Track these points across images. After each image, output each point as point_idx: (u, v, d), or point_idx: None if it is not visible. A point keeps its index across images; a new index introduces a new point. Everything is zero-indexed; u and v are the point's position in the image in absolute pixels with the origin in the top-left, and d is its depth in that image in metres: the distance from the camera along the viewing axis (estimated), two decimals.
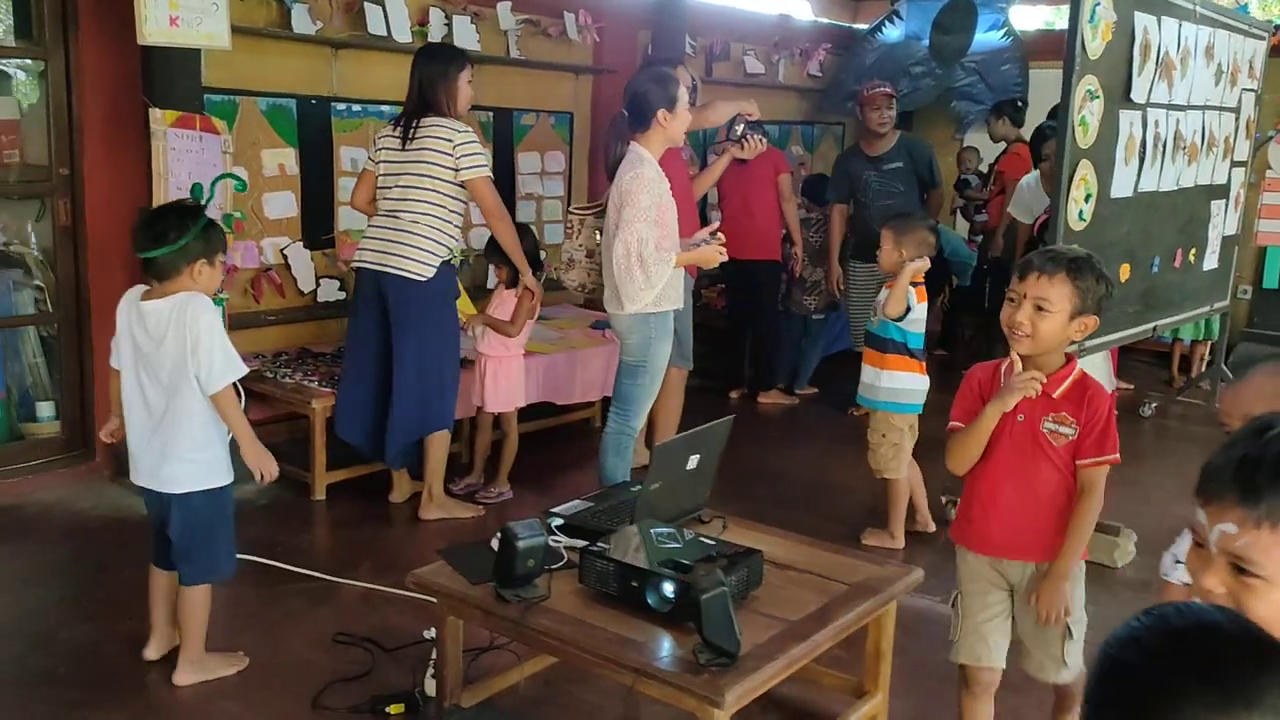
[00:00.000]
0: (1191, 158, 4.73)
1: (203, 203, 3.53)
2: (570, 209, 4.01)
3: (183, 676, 2.88)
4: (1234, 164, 5.27)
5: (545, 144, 6.06)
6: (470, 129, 4.01)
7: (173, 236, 2.71)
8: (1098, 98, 3.85)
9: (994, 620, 2.41)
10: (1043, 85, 7.56)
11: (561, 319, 5.72)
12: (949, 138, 8.24)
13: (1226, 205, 5.30)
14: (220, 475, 2.83)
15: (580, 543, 2.62)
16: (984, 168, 7.40)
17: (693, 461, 2.72)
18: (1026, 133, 6.82)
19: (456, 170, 3.90)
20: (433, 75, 3.95)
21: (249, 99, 4.69)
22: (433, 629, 2.76)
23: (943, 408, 3.58)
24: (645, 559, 2.35)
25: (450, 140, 3.89)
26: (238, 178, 4.18)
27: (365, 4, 4.93)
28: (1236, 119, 5.17)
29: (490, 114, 5.69)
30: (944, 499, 4.28)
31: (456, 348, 4.14)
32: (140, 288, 2.81)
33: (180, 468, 2.76)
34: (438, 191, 3.92)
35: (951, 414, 2.44)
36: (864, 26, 8.62)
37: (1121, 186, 4.16)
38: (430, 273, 3.91)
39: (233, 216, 4.26)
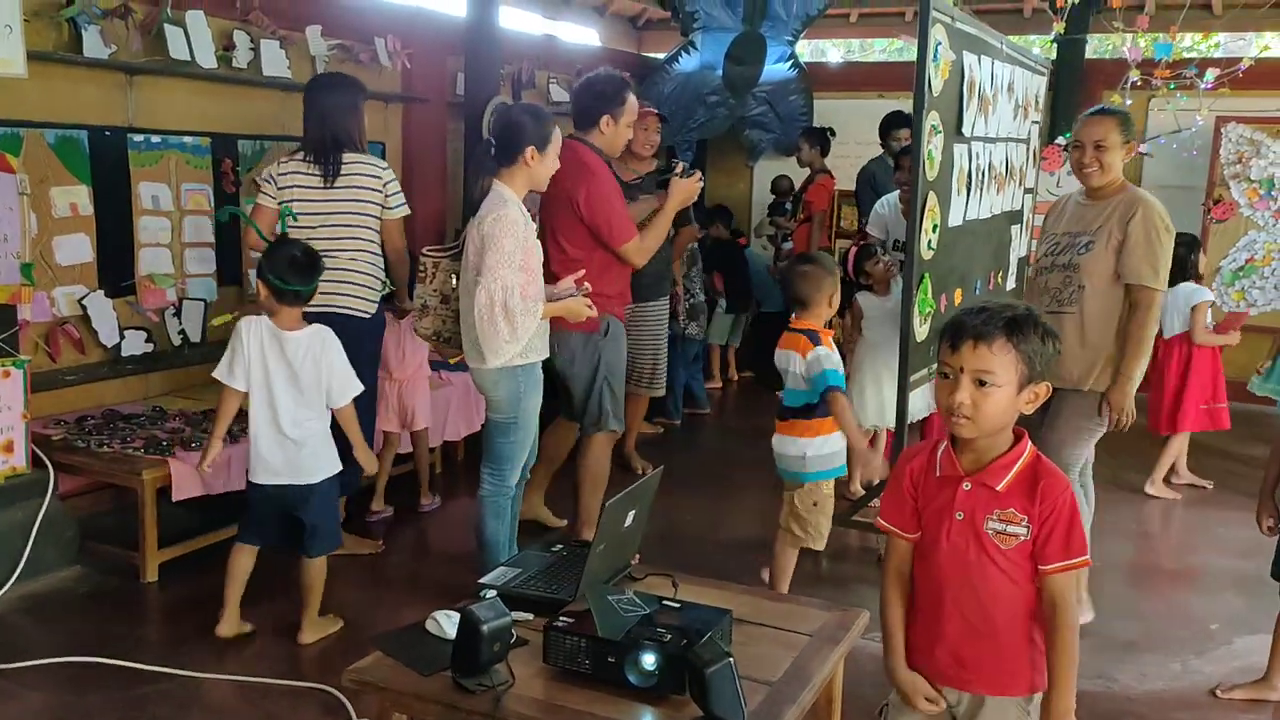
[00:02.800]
0: (1000, 187, 5.07)
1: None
2: (424, 251, 3.72)
3: (307, 635, 3.40)
4: (1026, 191, 5.71)
5: None
6: (389, 165, 4.15)
7: (316, 272, 3.32)
8: (940, 132, 4.04)
9: None
10: (822, 115, 7.96)
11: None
12: (742, 165, 8.50)
13: (1021, 229, 5.72)
14: (338, 464, 3.39)
15: (523, 615, 2.45)
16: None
17: (629, 518, 2.60)
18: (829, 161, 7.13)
19: (384, 208, 3.99)
20: (341, 108, 3.94)
21: (34, 131, 4.12)
22: None
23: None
24: (614, 630, 2.21)
25: (380, 179, 3.99)
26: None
27: (165, 26, 4.47)
28: (1027, 149, 5.60)
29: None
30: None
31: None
32: (263, 317, 3.28)
33: (318, 462, 3.31)
34: (369, 229, 3.99)
35: (881, 509, 2.14)
36: (652, 55, 8.76)
37: (955, 216, 4.38)
38: (373, 309, 4.00)
39: (31, 265, 3.74)
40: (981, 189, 4.74)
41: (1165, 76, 6.34)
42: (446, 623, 2.34)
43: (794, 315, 3.63)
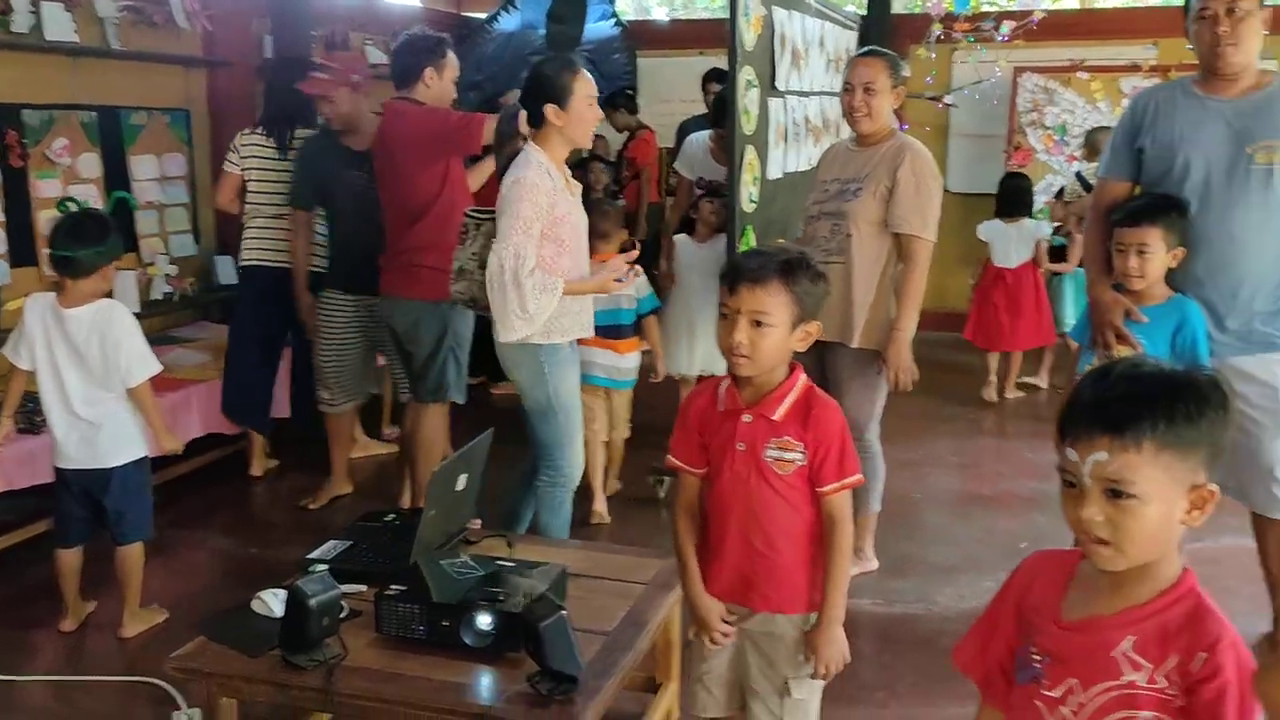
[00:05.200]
0: (816, 139, 5.23)
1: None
2: (467, 211, 3.45)
3: (129, 628, 3.25)
4: None
5: (161, 145, 5.40)
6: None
7: (98, 238, 3.09)
8: (755, 86, 4.12)
9: (720, 669, 2.18)
10: (645, 73, 8.02)
11: (206, 339, 5.18)
12: None
13: None
14: (144, 447, 3.23)
15: (356, 587, 2.41)
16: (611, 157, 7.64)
17: (461, 482, 2.58)
18: (643, 116, 7.18)
19: None
20: (293, 87, 4.28)
21: None
22: (185, 716, 2.40)
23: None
24: (449, 594, 2.20)
25: None
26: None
27: None
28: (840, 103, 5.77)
29: (94, 113, 4.98)
30: (651, 479, 4.41)
31: None
32: (49, 294, 3.13)
33: (116, 445, 3.14)
34: None
35: (670, 447, 2.17)
36: (473, 14, 8.58)
37: (774, 169, 4.49)
38: (323, 263, 4.41)
39: None
40: (799, 142, 4.87)
41: (965, 29, 6.64)
42: (274, 601, 2.28)
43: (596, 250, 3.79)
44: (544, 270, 3.05)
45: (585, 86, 3.15)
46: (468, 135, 3.77)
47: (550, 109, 3.11)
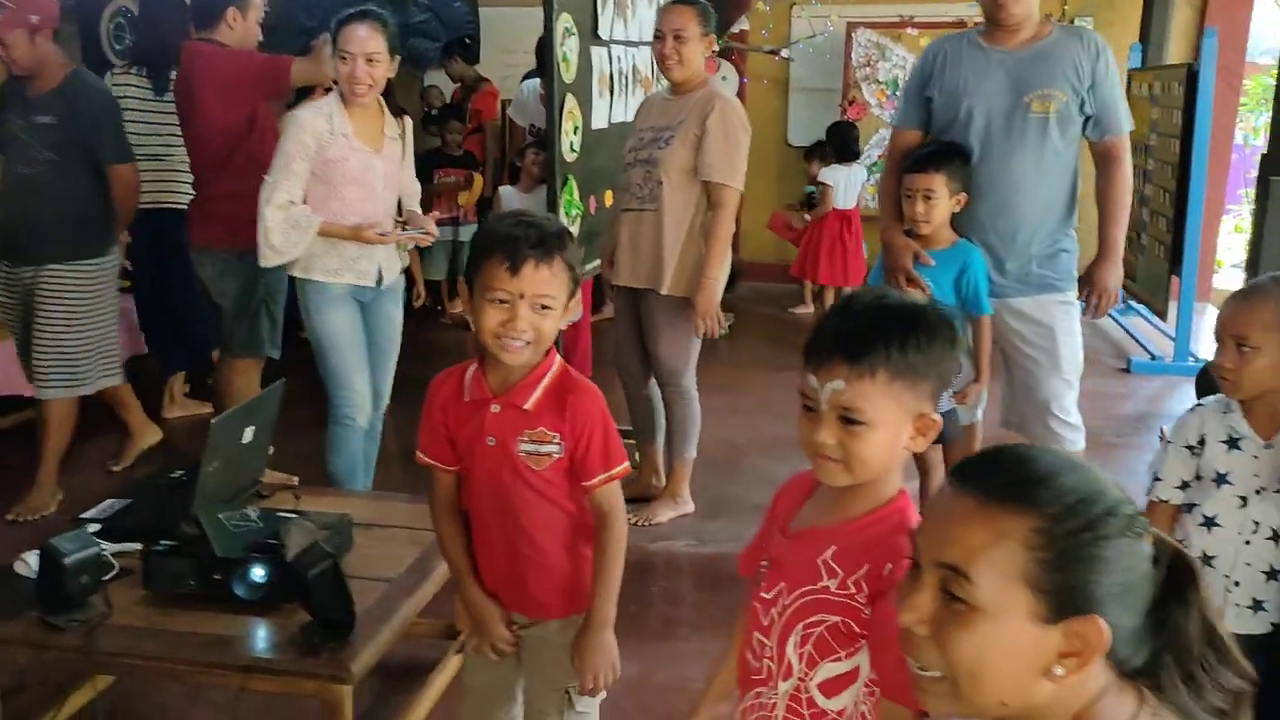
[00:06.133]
0: (646, 90, 5.22)
1: None
2: None
3: None
4: None
5: None
6: None
7: None
8: (574, 34, 4.08)
9: (492, 682, 1.96)
10: (489, 23, 7.88)
11: None
12: (409, 75, 8.24)
13: None
14: None
15: (131, 545, 2.33)
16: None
17: (248, 434, 2.52)
18: (488, 68, 7.07)
19: None
20: (173, 25, 4.15)
21: None
22: None
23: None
24: (229, 548, 2.15)
25: None
26: None
27: None
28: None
29: None
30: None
31: None
32: None
33: None
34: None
35: (419, 441, 1.88)
36: None
37: (599, 118, 4.47)
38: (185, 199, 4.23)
39: None
40: (626, 92, 4.86)
41: None
42: (35, 562, 2.18)
43: None
44: (312, 209, 3.18)
45: (340, 39, 3.21)
46: (274, 79, 3.66)
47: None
